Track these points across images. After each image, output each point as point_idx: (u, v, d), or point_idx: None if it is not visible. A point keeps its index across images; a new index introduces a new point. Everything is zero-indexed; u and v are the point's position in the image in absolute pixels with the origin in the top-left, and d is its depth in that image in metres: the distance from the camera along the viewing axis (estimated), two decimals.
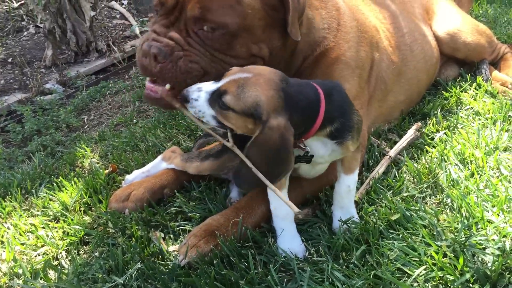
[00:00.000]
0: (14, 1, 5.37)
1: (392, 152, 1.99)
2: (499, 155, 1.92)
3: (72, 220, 1.85)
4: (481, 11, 3.43)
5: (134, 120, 2.75)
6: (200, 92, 1.40)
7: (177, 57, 1.58)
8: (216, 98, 1.37)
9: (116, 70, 3.80)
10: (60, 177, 2.15)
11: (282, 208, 1.56)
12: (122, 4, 5.53)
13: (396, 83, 2.26)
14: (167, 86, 1.60)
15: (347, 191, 1.63)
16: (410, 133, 2.08)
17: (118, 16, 5.23)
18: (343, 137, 1.52)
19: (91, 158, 2.34)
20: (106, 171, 2.14)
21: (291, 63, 1.83)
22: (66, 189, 2.05)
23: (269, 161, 1.36)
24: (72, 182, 2.08)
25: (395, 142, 2.12)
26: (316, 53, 1.86)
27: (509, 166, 1.85)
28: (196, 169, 1.89)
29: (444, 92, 2.46)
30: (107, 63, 3.90)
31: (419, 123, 2.12)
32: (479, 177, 1.82)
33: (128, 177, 2.02)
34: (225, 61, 1.64)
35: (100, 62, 3.89)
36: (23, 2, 5.20)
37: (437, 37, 2.56)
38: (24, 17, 5.09)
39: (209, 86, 1.41)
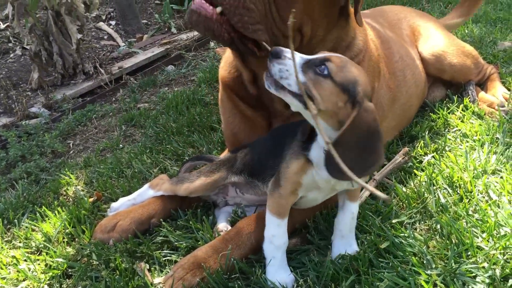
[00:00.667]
0: (0, 23, 5.34)
1: (378, 176, 1.98)
2: (488, 178, 1.91)
3: (54, 252, 1.80)
4: (466, 31, 3.45)
5: (121, 145, 2.71)
6: (297, 55, 1.35)
7: None
8: (313, 65, 1.33)
9: (103, 92, 3.77)
10: (43, 206, 2.10)
11: (281, 237, 1.53)
12: (110, 24, 5.52)
13: (390, 109, 2.25)
14: (218, 9, 1.49)
15: (351, 219, 1.61)
16: (397, 157, 2.06)
17: (105, 37, 5.22)
18: None
19: (76, 186, 2.30)
20: (91, 199, 2.10)
21: None
22: (49, 219, 2.01)
23: (362, 148, 1.32)
24: (56, 211, 2.04)
25: (384, 165, 2.11)
26: None
27: (498, 190, 1.84)
28: (187, 190, 1.84)
29: (431, 114, 2.46)
30: (94, 85, 3.87)
31: (406, 148, 2.11)
32: (468, 202, 1.81)
33: (114, 205, 1.98)
34: (275, 20, 1.57)
35: (87, 84, 3.85)
36: (9, 24, 5.17)
37: (423, 59, 2.56)
38: (10, 38, 5.06)
39: (311, 56, 1.37)
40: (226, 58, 2.00)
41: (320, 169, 1.44)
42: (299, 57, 1.36)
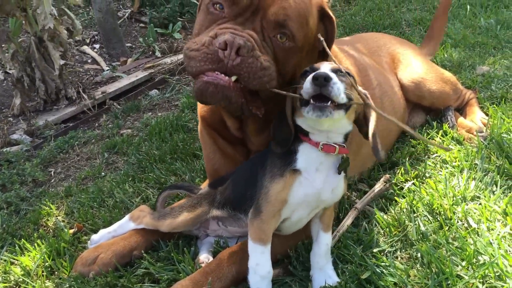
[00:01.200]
0: None
1: (359, 204, 1.99)
2: (467, 205, 1.93)
3: (33, 287, 1.77)
4: (446, 55, 3.52)
5: (103, 173, 2.70)
6: (328, 72, 1.41)
7: (257, 55, 1.52)
8: (338, 73, 1.45)
9: (86, 117, 3.75)
10: (22, 239, 2.07)
11: (265, 265, 1.53)
12: (94, 48, 5.52)
13: None
14: (233, 78, 1.52)
15: (326, 250, 1.62)
16: (378, 185, 2.08)
17: (89, 60, 5.22)
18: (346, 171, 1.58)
19: (56, 216, 2.27)
20: (71, 231, 2.08)
21: None
22: (28, 252, 1.98)
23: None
24: (35, 244, 2.01)
25: (365, 193, 2.12)
26: None
27: (477, 217, 1.86)
28: (170, 226, 1.83)
29: (412, 140, 2.49)
30: (77, 111, 3.86)
31: (388, 175, 2.13)
32: (448, 229, 1.82)
33: (94, 237, 1.96)
34: (281, 74, 1.63)
35: (69, 109, 3.84)
36: None
37: (402, 85, 2.60)
38: None
39: (322, 69, 1.45)
40: None
41: (309, 174, 1.49)
42: (329, 71, 1.44)
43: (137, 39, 5.71)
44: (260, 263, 1.52)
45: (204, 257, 1.79)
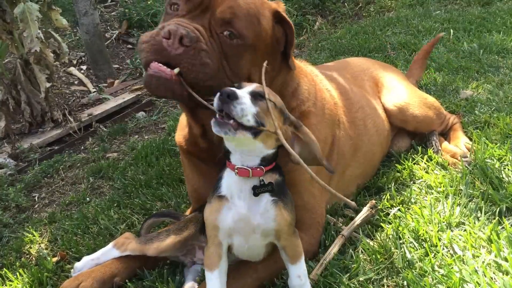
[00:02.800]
0: None
1: (346, 231, 1.99)
2: (452, 231, 1.94)
3: None
4: (429, 80, 3.57)
5: (87, 198, 2.67)
6: (242, 91, 1.43)
7: (200, 47, 1.59)
8: (257, 96, 1.45)
9: (72, 140, 3.72)
10: (4, 268, 2.03)
11: None
12: (81, 69, 5.51)
13: (353, 158, 2.30)
14: (176, 70, 1.57)
15: (299, 283, 1.60)
16: (364, 211, 2.08)
17: (76, 82, 5.20)
18: (282, 195, 1.56)
19: (39, 244, 2.24)
20: (54, 259, 2.04)
21: None
22: (10, 281, 1.94)
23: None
24: (18, 273, 1.97)
25: (352, 218, 2.12)
26: (295, 112, 1.93)
27: (462, 243, 1.87)
28: (157, 249, 1.81)
29: (397, 165, 2.51)
30: (63, 134, 3.83)
31: (373, 201, 2.14)
32: (434, 256, 1.83)
33: (77, 265, 1.93)
34: (227, 74, 1.68)
35: (55, 132, 3.80)
36: None
37: (386, 110, 2.63)
38: None
39: (244, 89, 1.47)
40: (180, 126, 2.12)
41: (234, 199, 1.52)
42: (246, 91, 1.45)
43: (125, 60, 5.72)
44: None
45: (190, 286, 1.77)
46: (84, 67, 5.55)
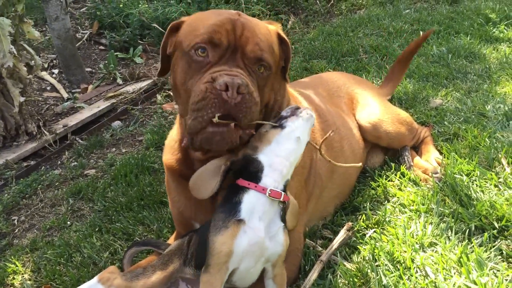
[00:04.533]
0: None
1: (324, 256, 2.06)
2: (425, 252, 2.04)
3: None
4: (400, 88, 3.65)
5: (68, 222, 2.68)
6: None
7: (251, 91, 1.67)
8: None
9: (48, 155, 3.69)
10: None
11: None
12: (53, 73, 5.42)
13: (330, 180, 2.37)
14: (232, 125, 1.66)
15: None
16: (341, 234, 2.16)
17: (48, 87, 5.12)
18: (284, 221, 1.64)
19: (22, 274, 2.25)
20: None
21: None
22: None
23: None
24: None
25: (330, 240, 2.20)
26: None
27: (434, 265, 1.96)
28: (144, 286, 1.82)
29: (372, 182, 2.59)
30: (38, 147, 3.79)
31: (350, 223, 2.22)
32: (408, 278, 1.92)
33: None
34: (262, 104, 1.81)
35: (30, 146, 3.77)
36: None
37: (360, 126, 2.71)
38: None
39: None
40: (169, 149, 2.09)
41: (252, 222, 1.57)
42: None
43: (97, 62, 5.64)
44: None
45: None
46: (56, 71, 5.46)
